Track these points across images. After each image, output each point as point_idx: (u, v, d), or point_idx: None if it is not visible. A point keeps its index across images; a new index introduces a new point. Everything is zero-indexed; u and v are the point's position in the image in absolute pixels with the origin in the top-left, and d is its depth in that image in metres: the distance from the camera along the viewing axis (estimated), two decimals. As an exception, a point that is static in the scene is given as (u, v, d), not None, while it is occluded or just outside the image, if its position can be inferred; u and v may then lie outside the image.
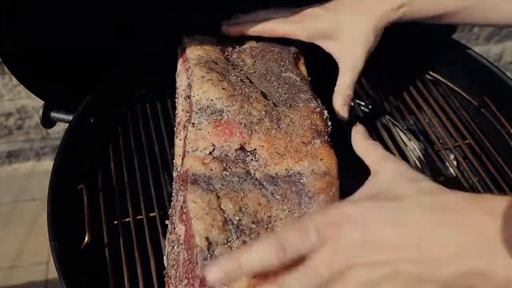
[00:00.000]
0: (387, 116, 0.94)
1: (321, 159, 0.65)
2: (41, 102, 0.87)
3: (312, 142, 0.67)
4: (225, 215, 0.58)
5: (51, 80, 0.83)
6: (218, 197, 0.60)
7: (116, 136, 0.89)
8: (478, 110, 0.93)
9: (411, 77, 0.98)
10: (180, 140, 0.72)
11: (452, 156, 0.90)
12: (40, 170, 1.85)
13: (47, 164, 1.86)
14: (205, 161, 0.63)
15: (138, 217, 0.77)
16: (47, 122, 0.87)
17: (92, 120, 0.86)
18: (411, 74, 0.99)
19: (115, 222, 0.78)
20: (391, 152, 0.88)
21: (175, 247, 0.62)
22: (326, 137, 0.69)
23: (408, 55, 0.99)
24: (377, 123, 0.93)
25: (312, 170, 0.64)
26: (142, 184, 0.81)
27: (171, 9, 0.95)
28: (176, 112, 0.79)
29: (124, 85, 0.93)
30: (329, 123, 0.72)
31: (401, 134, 0.93)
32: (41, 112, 0.86)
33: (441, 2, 0.78)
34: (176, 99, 0.82)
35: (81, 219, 0.76)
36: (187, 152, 0.65)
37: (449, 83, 0.98)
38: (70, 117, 0.85)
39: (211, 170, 0.63)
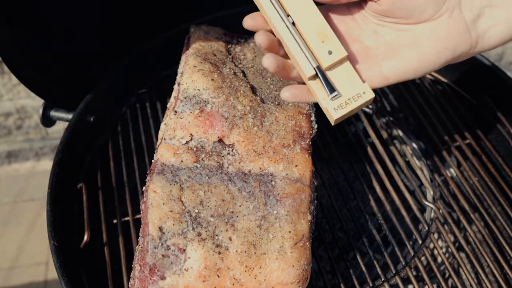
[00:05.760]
0: (387, 116, 0.94)
1: (296, 165, 0.66)
2: (40, 102, 0.87)
3: (292, 145, 0.67)
4: (184, 207, 0.60)
5: (51, 79, 0.83)
6: (182, 189, 0.61)
7: (115, 135, 0.89)
8: (479, 110, 0.93)
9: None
10: (165, 124, 0.73)
11: (452, 156, 0.90)
12: (40, 170, 1.84)
13: (47, 164, 1.86)
14: (177, 152, 0.64)
15: (137, 216, 0.76)
16: (47, 121, 0.87)
17: (91, 119, 0.86)
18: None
19: (115, 221, 0.78)
20: (391, 152, 0.88)
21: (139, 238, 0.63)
22: (308, 140, 0.69)
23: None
24: (377, 122, 0.93)
25: (286, 175, 0.64)
26: (141, 183, 0.81)
27: (172, 9, 0.95)
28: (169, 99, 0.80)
29: (124, 84, 0.93)
30: (315, 127, 0.72)
31: (401, 133, 0.92)
32: (41, 111, 0.86)
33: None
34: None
35: (80, 218, 0.76)
36: (164, 139, 0.66)
37: (449, 83, 0.98)
38: (69, 116, 0.85)
39: (181, 161, 0.64)
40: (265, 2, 0.60)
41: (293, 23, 0.60)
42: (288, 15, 0.60)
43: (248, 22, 0.61)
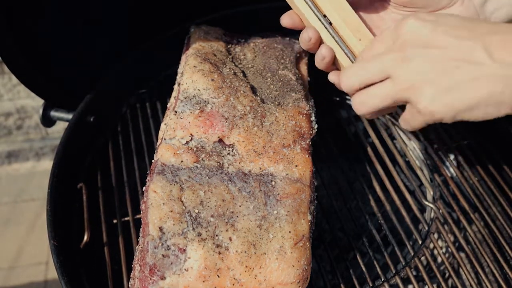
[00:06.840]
0: (387, 116, 0.94)
1: (297, 165, 0.66)
2: (40, 102, 0.87)
3: (292, 146, 0.67)
4: (184, 207, 0.60)
5: (51, 79, 0.83)
6: (182, 189, 0.61)
7: (115, 135, 0.89)
8: (478, 109, 0.93)
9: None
10: (165, 124, 0.73)
11: (452, 156, 0.90)
12: (40, 170, 1.85)
13: (47, 164, 1.86)
14: (177, 152, 0.64)
15: (138, 216, 0.76)
16: (47, 121, 0.87)
17: (91, 119, 0.86)
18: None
19: (115, 221, 0.78)
20: (391, 152, 0.88)
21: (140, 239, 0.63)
22: (308, 141, 0.69)
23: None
24: (377, 122, 0.93)
25: (286, 175, 0.65)
26: (141, 183, 0.81)
27: (172, 9, 0.95)
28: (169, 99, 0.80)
29: (124, 84, 0.93)
30: (315, 127, 0.72)
31: (401, 133, 0.92)
32: (41, 111, 0.86)
33: None
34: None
35: (80, 218, 0.76)
36: (164, 139, 0.66)
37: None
38: (70, 116, 0.85)
39: (181, 161, 0.64)
40: (301, 5, 0.65)
41: (330, 23, 0.65)
42: (324, 15, 0.65)
43: (286, 20, 0.68)
